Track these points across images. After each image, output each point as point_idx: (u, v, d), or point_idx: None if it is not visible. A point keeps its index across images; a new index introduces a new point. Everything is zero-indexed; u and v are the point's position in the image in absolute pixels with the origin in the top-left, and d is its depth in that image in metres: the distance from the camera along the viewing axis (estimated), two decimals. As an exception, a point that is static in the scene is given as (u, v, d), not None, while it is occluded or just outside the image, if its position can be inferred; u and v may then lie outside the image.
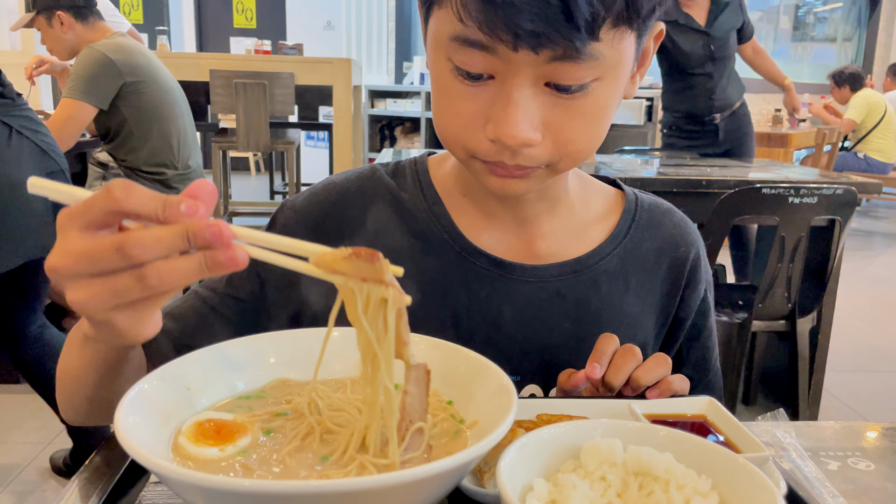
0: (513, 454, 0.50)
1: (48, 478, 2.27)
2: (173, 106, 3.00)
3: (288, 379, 0.64)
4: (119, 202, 0.45)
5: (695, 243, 0.86)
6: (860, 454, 0.69)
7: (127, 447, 0.46)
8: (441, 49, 0.64)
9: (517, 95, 0.62)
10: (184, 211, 0.45)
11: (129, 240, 0.45)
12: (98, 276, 0.46)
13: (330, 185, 0.84)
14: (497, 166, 0.67)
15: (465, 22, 0.59)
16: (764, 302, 2.39)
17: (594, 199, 0.85)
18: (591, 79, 0.62)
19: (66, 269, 0.47)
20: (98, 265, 0.46)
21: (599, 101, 0.64)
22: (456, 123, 0.66)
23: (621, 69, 0.64)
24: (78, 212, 0.46)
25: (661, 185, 2.54)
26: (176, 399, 0.56)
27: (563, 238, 0.82)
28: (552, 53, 0.58)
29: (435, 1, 0.63)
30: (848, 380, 3.26)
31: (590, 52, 0.59)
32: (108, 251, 0.45)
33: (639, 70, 0.70)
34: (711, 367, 0.90)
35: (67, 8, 2.84)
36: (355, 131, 4.72)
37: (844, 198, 2.26)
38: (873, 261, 5.74)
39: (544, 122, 0.64)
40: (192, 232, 0.45)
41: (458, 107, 0.65)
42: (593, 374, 0.68)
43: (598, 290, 0.81)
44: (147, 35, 4.77)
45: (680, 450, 0.52)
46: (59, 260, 0.47)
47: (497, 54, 0.60)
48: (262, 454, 0.52)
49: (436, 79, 0.67)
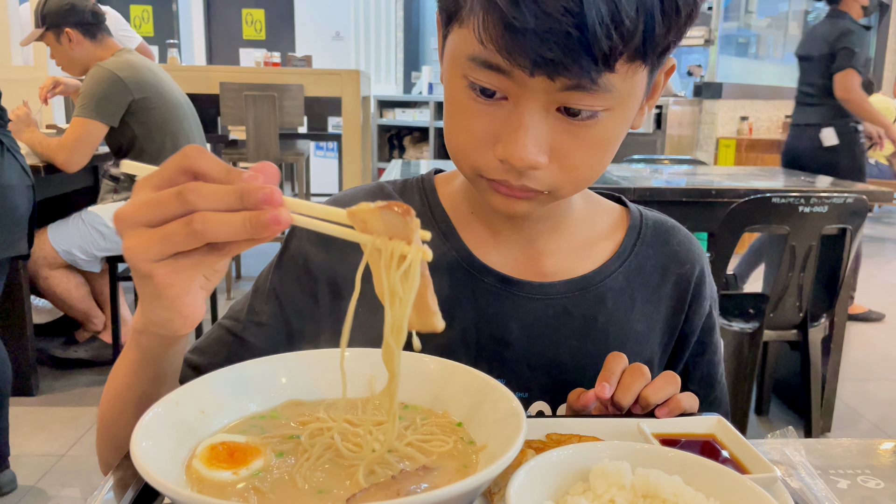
0: (522, 477, 0.50)
1: (60, 489, 2.28)
2: (182, 120, 3.02)
3: (299, 400, 0.64)
4: (190, 159, 0.50)
5: (699, 260, 0.87)
6: (870, 472, 0.69)
7: (142, 471, 0.47)
8: (458, 66, 0.65)
9: (528, 119, 0.63)
10: (245, 178, 0.49)
11: (188, 186, 0.49)
12: (153, 227, 0.50)
13: (336, 201, 0.85)
14: (502, 185, 0.69)
15: (486, 45, 0.60)
16: (775, 311, 2.38)
17: (599, 217, 0.86)
18: (601, 108, 0.63)
19: (129, 215, 0.51)
20: (157, 210, 0.50)
21: (607, 131, 0.66)
22: (466, 140, 0.68)
23: (631, 101, 0.66)
24: (153, 174, 0.52)
25: (670, 194, 2.54)
26: (190, 422, 0.57)
27: (569, 256, 0.83)
28: (567, 82, 0.60)
29: (456, 19, 0.65)
30: (861, 389, 3.24)
31: (603, 83, 0.60)
32: (168, 196, 0.49)
33: (648, 102, 0.71)
34: (717, 382, 0.90)
35: (75, 25, 2.87)
36: (364, 141, 4.74)
37: (855, 206, 2.26)
38: (885, 267, 5.70)
39: (552, 147, 0.65)
40: (245, 192, 0.48)
41: (470, 124, 0.67)
42: (603, 394, 0.69)
43: (604, 306, 0.82)
44: (157, 48, 4.81)
45: (688, 472, 0.52)
46: (126, 208, 0.51)
47: (513, 78, 0.61)
48: (275, 477, 0.53)
49: (449, 94, 0.69)
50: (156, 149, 2.94)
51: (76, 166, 2.83)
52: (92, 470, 2.40)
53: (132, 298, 3.51)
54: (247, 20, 8.31)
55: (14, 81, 3.95)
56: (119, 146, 2.96)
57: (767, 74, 7.25)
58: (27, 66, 4.09)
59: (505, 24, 0.58)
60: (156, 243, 0.50)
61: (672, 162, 3.68)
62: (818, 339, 2.48)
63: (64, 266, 2.96)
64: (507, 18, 0.57)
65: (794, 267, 2.31)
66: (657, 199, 2.51)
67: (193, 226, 0.49)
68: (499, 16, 0.58)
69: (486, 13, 0.59)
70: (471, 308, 0.80)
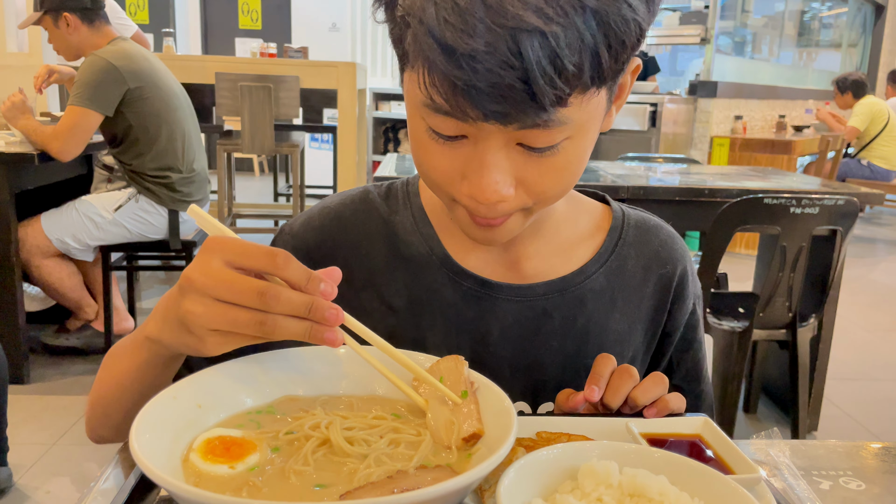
0: (512, 475, 0.52)
1: (52, 478, 2.29)
2: (177, 110, 3.02)
3: (295, 395, 0.66)
4: (279, 269, 0.55)
5: (681, 259, 0.87)
6: (852, 473, 0.71)
7: (141, 465, 0.48)
8: (415, 108, 0.65)
9: (489, 158, 0.63)
10: (322, 290, 0.56)
11: (272, 291, 0.54)
12: (223, 303, 0.55)
13: (325, 210, 0.86)
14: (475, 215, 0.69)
15: (434, 99, 0.59)
16: (765, 311, 2.40)
17: (581, 218, 0.86)
18: (561, 139, 0.63)
19: (203, 286, 0.56)
20: (234, 295, 0.55)
21: (571, 157, 0.66)
22: (436, 176, 0.68)
23: (593, 123, 0.66)
24: (234, 250, 0.56)
25: (663, 193, 2.56)
26: (188, 416, 0.58)
27: (549, 258, 0.83)
28: (521, 124, 0.60)
29: (407, 63, 0.63)
30: (849, 388, 3.27)
31: (558, 118, 0.60)
32: (250, 291, 0.55)
33: (615, 104, 0.70)
34: (703, 377, 0.91)
35: (74, 9, 2.86)
36: (360, 134, 4.74)
37: (846, 208, 2.28)
38: (875, 268, 5.75)
39: (517, 178, 0.65)
40: (315, 307, 0.55)
41: (436, 162, 0.67)
42: (592, 397, 0.70)
43: (584, 308, 0.82)
44: (153, 36, 4.79)
45: (674, 472, 0.53)
46: (201, 277, 0.56)
47: (467, 122, 0.60)
48: (270, 473, 0.54)
49: (412, 132, 0.68)
50: (150, 139, 2.94)
51: (70, 155, 2.82)
52: (84, 458, 2.41)
53: (125, 287, 3.51)
54: (243, 9, 8.28)
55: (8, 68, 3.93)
56: (113, 135, 2.95)
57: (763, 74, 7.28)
58: (22, 53, 4.07)
59: (448, 82, 0.57)
60: (222, 321, 0.56)
61: (666, 160, 3.69)
62: (807, 339, 2.51)
63: (57, 255, 2.96)
64: (450, 77, 0.56)
65: (784, 267, 2.33)
66: (650, 198, 2.53)
67: (265, 327, 0.55)
68: (443, 74, 0.57)
69: (430, 70, 0.58)
70: (451, 311, 0.81)
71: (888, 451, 0.76)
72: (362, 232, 0.84)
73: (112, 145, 2.99)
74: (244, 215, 4.99)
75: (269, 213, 5.31)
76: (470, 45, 0.54)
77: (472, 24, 0.54)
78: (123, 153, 2.96)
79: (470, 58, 0.55)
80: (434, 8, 0.56)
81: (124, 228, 2.98)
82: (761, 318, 2.41)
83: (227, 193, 4.49)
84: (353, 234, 0.83)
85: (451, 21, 0.55)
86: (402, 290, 0.82)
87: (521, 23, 0.54)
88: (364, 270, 0.82)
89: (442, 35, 0.55)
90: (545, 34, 0.54)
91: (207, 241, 0.57)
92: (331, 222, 0.84)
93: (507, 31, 0.54)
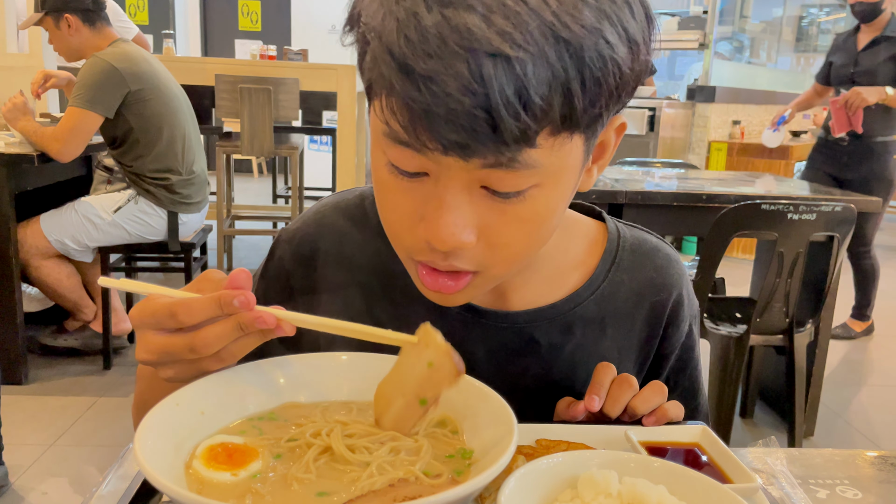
0: (513, 484, 0.52)
1: (49, 479, 2.29)
2: (177, 113, 3.02)
3: (297, 402, 0.66)
4: (184, 323, 0.57)
5: (676, 285, 0.84)
6: (849, 482, 0.71)
7: (146, 472, 0.49)
8: (377, 141, 0.61)
9: (450, 198, 0.58)
10: (237, 305, 0.56)
11: (197, 340, 0.57)
12: (177, 362, 0.60)
13: (319, 216, 0.84)
14: (430, 268, 0.64)
15: (392, 126, 0.56)
16: (762, 316, 2.41)
17: (573, 243, 0.83)
18: (528, 185, 0.58)
19: (153, 361, 0.60)
20: (176, 356, 0.59)
21: (539, 206, 0.60)
22: (393, 218, 0.64)
23: (565, 174, 0.60)
24: (149, 319, 0.59)
25: (661, 198, 2.57)
26: (191, 423, 0.59)
27: (538, 288, 0.81)
28: (483, 161, 0.55)
29: (373, 94, 0.58)
30: (845, 394, 3.28)
31: (525, 160, 0.55)
32: (182, 348, 0.58)
33: (595, 164, 0.67)
34: (699, 393, 0.91)
35: (75, 11, 2.86)
36: (359, 136, 4.75)
37: (843, 215, 2.29)
38: (873, 273, 5.75)
39: (479, 225, 0.60)
40: (244, 323, 0.57)
41: (395, 201, 0.62)
42: (592, 407, 0.70)
43: (572, 335, 0.80)
44: (152, 37, 4.80)
45: (673, 482, 0.54)
46: (147, 355, 0.60)
47: (428, 156, 0.56)
48: (273, 479, 0.55)
49: (374, 170, 0.64)
50: (150, 141, 2.94)
51: (70, 156, 2.83)
52: (81, 460, 2.41)
53: (123, 289, 3.51)
54: (243, 11, 8.28)
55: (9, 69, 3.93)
56: (114, 137, 2.95)
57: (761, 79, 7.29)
58: (22, 54, 4.07)
59: (406, 106, 0.53)
60: (190, 372, 0.60)
61: (664, 165, 3.70)
62: (803, 345, 2.52)
63: (55, 255, 2.96)
64: (408, 101, 0.52)
65: (781, 273, 2.34)
66: (648, 203, 2.54)
67: (216, 364, 0.59)
68: (401, 98, 0.53)
69: (388, 93, 0.54)
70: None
71: (885, 459, 0.77)
72: (355, 243, 0.82)
73: (112, 147, 3.00)
74: (243, 217, 4.99)
75: (267, 214, 5.30)
76: (429, 65, 0.51)
77: (434, 43, 0.51)
78: (123, 155, 2.96)
79: (428, 79, 0.51)
80: (396, 24, 0.52)
81: (123, 230, 2.98)
82: (758, 323, 2.42)
83: (226, 195, 4.49)
84: (346, 246, 0.82)
85: (412, 38, 0.51)
86: (388, 307, 0.81)
87: (485, 46, 0.50)
88: (354, 282, 0.81)
89: (401, 54, 0.52)
90: (510, 60, 0.50)
91: (132, 319, 0.60)
92: (325, 231, 0.83)
93: (471, 54, 0.50)
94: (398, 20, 0.52)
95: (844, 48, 3.74)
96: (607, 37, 0.53)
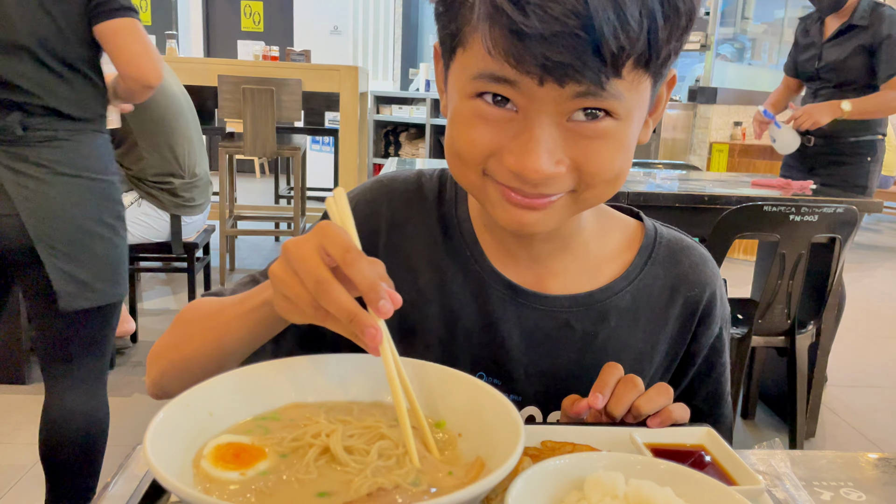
0: (520, 486, 0.53)
1: (53, 479, 2.29)
2: (179, 115, 3.02)
3: (303, 402, 0.66)
4: (346, 265, 0.57)
5: (710, 283, 0.86)
6: (853, 484, 0.72)
7: (156, 473, 0.49)
8: (464, 89, 0.66)
9: (539, 131, 0.63)
10: (380, 306, 0.56)
11: (325, 285, 0.57)
12: (296, 275, 0.59)
13: (380, 185, 0.88)
14: (515, 192, 0.67)
15: (494, 56, 0.60)
16: (763, 318, 2.41)
17: (611, 235, 0.86)
18: (611, 112, 0.64)
19: (289, 256, 0.59)
20: (302, 273, 0.58)
21: (619, 140, 0.66)
22: (475, 150, 0.67)
23: (637, 112, 0.66)
24: (327, 236, 0.58)
25: (662, 199, 2.57)
26: (200, 424, 0.59)
27: (576, 275, 0.83)
28: (577, 88, 0.60)
29: (459, 44, 0.65)
30: (846, 395, 3.28)
31: (611, 89, 0.61)
32: (311, 276, 0.57)
33: (651, 115, 0.71)
34: (723, 401, 0.91)
35: None
36: (361, 137, 4.76)
37: (845, 216, 2.29)
38: (872, 274, 5.76)
39: (567, 156, 0.65)
40: (357, 320, 0.56)
41: (479, 135, 0.66)
42: (595, 404, 0.71)
43: (606, 324, 0.83)
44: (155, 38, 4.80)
45: (679, 484, 0.54)
46: (292, 248, 0.59)
47: (521, 90, 0.62)
48: (277, 479, 0.55)
49: (455, 115, 0.68)
50: (151, 144, 2.93)
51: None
52: (83, 460, 2.41)
53: (125, 289, 3.51)
54: (245, 12, 8.30)
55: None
56: (113, 137, 2.95)
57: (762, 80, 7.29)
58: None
59: (512, 31, 0.58)
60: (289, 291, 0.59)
61: (665, 166, 3.71)
62: (805, 346, 2.52)
63: (58, 256, 2.96)
64: (515, 25, 0.57)
65: (783, 274, 2.34)
66: (650, 204, 2.54)
67: (318, 312, 0.58)
68: (505, 24, 0.58)
69: (492, 23, 0.59)
70: (475, 309, 0.82)
71: (888, 461, 0.77)
72: (410, 214, 0.86)
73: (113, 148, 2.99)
74: (245, 217, 4.99)
75: (269, 214, 5.31)
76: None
77: None
78: (124, 158, 2.96)
79: (536, 5, 0.56)
80: None
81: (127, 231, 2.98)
82: (760, 324, 2.42)
83: (229, 195, 4.50)
84: (401, 215, 0.86)
85: None
86: (435, 278, 0.83)
87: None
88: (404, 251, 0.84)
89: None
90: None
91: (319, 224, 0.61)
92: (383, 198, 0.87)
93: None
94: None
95: (809, 37, 3.23)
96: None
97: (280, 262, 0.61)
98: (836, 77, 3.10)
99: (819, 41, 3.15)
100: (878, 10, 2.98)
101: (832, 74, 3.11)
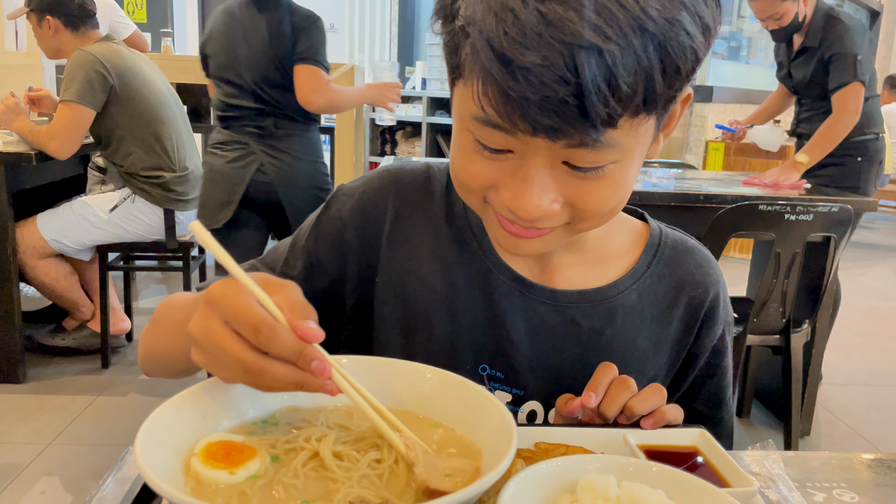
0: (512, 489, 0.53)
1: (46, 478, 2.29)
2: (165, 109, 3.02)
3: (297, 406, 0.66)
4: (258, 344, 0.54)
5: (715, 284, 0.87)
6: (846, 486, 0.72)
7: (146, 477, 0.49)
8: (463, 121, 0.66)
9: (534, 173, 0.64)
10: (314, 368, 0.55)
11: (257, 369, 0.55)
12: (221, 362, 0.57)
13: (386, 173, 0.88)
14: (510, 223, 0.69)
15: (485, 109, 0.60)
16: (759, 316, 2.42)
17: (617, 234, 0.87)
18: (607, 161, 0.63)
19: (200, 343, 0.57)
20: (226, 358, 0.56)
21: (615, 181, 0.66)
22: (473, 183, 0.68)
23: (640, 149, 0.66)
24: (228, 312, 0.55)
25: (658, 198, 2.57)
26: (191, 427, 0.59)
27: (582, 272, 0.84)
28: (569, 141, 0.60)
29: (460, 77, 0.65)
30: (841, 393, 3.29)
31: (607, 140, 0.60)
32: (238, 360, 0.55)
33: (663, 132, 0.70)
34: (724, 405, 0.91)
35: (58, 14, 2.88)
36: (357, 135, 4.75)
37: (840, 216, 2.29)
38: (867, 272, 5.78)
39: (562, 194, 0.66)
40: (308, 385, 0.56)
41: (477, 172, 0.67)
42: (588, 403, 0.71)
43: (612, 321, 0.83)
44: (150, 35, 4.79)
45: (671, 486, 0.54)
46: (200, 335, 0.57)
47: (516, 136, 0.61)
48: (262, 483, 0.54)
49: (457, 140, 0.69)
50: (138, 138, 2.93)
51: (67, 153, 2.82)
52: (79, 459, 2.41)
53: (121, 287, 3.51)
54: (240, 9, 8.26)
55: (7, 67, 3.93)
56: (99, 137, 2.94)
57: (758, 79, 7.30)
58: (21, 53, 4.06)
59: (502, 93, 0.58)
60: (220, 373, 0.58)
61: (661, 165, 3.71)
62: (800, 345, 2.52)
63: (53, 255, 2.95)
64: (504, 88, 0.57)
65: (778, 273, 2.35)
66: (645, 203, 2.54)
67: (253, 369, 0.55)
68: (496, 85, 0.58)
69: (484, 81, 0.59)
70: (482, 302, 0.83)
71: (882, 462, 0.77)
72: (417, 204, 0.86)
73: (101, 147, 2.99)
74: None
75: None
76: (527, 57, 0.55)
77: (531, 37, 0.55)
78: (113, 154, 2.96)
79: (526, 70, 0.56)
80: (494, 20, 0.57)
81: (121, 228, 2.98)
82: (755, 323, 2.42)
83: (224, 194, 4.48)
84: (408, 206, 0.86)
85: (511, 33, 0.56)
86: (441, 269, 0.83)
87: (579, 39, 0.55)
88: (410, 241, 0.84)
89: (500, 46, 0.56)
90: (602, 52, 0.55)
91: (208, 295, 0.57)
92: (391, 187, 0.87)
93: (565, 47, 0.55)
94: (496, 15, 0.57)
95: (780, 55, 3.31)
96: (687, 27, 0.58)
97: (195, 348, 0.58)
98: (808, 92, 3.16)
99: (786, 61, 3.23)
100: (829, 24, 2.99)
101: (805, 90, 3.17)
